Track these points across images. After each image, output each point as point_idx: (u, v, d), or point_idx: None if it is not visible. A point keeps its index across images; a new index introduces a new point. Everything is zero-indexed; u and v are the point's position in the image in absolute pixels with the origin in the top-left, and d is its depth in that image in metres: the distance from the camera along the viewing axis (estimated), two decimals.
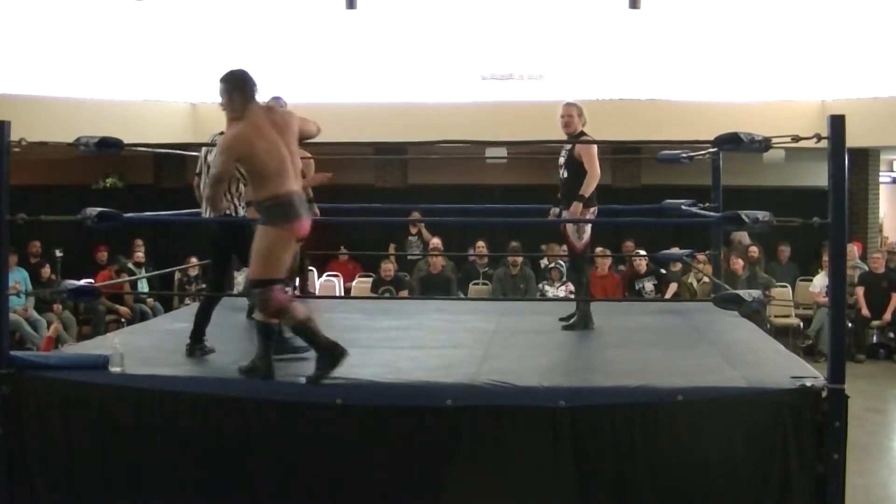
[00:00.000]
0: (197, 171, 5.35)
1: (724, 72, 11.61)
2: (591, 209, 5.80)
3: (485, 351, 4.79)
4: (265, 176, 4.15)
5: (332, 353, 4.17)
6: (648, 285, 10.61)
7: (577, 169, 5.73)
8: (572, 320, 5.76)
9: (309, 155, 7.40)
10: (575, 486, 3.98)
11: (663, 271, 10.86)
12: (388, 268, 11.23)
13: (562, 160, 5.90)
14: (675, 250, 8.88)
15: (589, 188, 5.68)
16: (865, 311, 10.60)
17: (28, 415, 4.29)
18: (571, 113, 5.85)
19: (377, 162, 13.21)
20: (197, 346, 4.91)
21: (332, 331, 5.66)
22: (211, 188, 4.32)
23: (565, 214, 5.83)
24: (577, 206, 5.69)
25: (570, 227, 5.87)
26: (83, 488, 4.24)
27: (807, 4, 10.90)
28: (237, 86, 4.25)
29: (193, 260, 10.53)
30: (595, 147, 5.74)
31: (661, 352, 5.11)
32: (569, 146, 5.82)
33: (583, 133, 5.84)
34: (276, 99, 6.32)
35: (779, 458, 3.93)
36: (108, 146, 4.67)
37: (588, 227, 5.87)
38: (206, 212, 5.01)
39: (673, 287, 10.64)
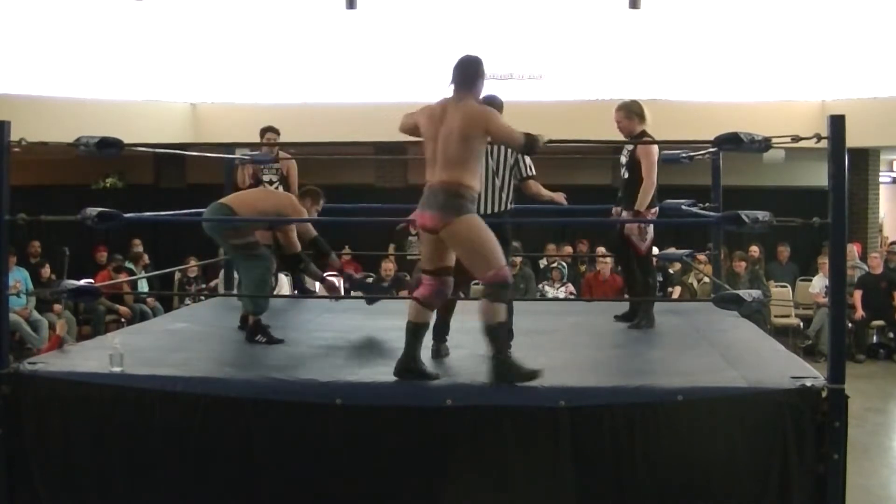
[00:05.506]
0: None
1: (724, 72, 11.61)
2: (652, 210, 5.73)
3: (485, 351, 4.79)
4: None
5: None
6: None
7: (636, 170, 5.64)
8: (637, 321, 5.75)
9: (288, 156, 7.41)
10: (574, 485, 3.98)
11: (671, 271, 10.86)
12: (388, 267, 11.21)
13: (623, 160, 5.79)
14: (673, 250, 8.87)
15: (644, 200, 5.60)
16: (860, 314, 10.59)
17: (28, 415, 4.29)
18: (618, 118, 5.74)
19: (377, 162, 13.21)
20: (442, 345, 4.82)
21: (333, 331, 5.70)
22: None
23: (625, 215, 5.78)
24: (632, 227, 5.68)
25: (632, 231, 5.83)
26: (83, 488, 4.24)
27: (807, 4, 10.90)
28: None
29: (191, 261, 10.53)
30: (655, 153, 5.61)
31: (661, 352, 5.11)
32: (631, 146, 5.70)
33: (643, 133, 5.69)
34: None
35: (779, 458, 3.93)
36: (108, 146, 4.66)
37: (650, 229, 5.82)
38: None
39: (677, 290, 10.65)
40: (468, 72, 4.31)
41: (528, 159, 5.07)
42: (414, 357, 4.25)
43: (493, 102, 5.04)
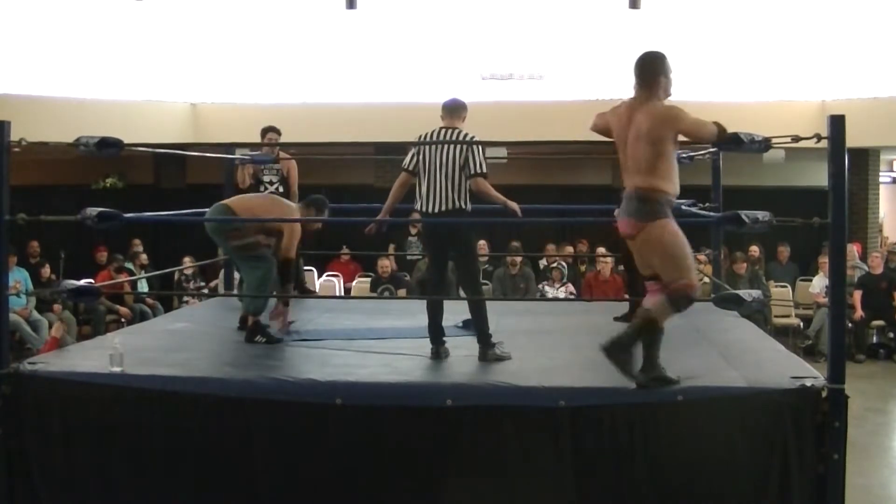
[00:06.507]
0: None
1: (724, 72, 11.60)
2: None
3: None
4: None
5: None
6: None
7: None
8: None
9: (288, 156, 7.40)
10: (574, 486, 3.99)
11: None
12: (386, 264, 11.20)
13: None
14: None
15: None
16: (860, 314, 10.58)
17: (28, 415, 4.29)
18: None
19: (377, 162, 13.21)
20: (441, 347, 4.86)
21: (333, 331, 5.69)
22: None
23: None
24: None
25: None
26: (83, 488, 4.24)
27: (807, 4, 10.90)
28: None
29: (187, 260, 10.52)
30: None
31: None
32: None
33: None
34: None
35: (779, 458, 3.93)
36: (108, 146, 4.66)
37: None
38: None
39: None
40: (648, 70, 4.17)
41: (479, 157, 4.87)
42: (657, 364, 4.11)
43: (456, 105, 5.05)
